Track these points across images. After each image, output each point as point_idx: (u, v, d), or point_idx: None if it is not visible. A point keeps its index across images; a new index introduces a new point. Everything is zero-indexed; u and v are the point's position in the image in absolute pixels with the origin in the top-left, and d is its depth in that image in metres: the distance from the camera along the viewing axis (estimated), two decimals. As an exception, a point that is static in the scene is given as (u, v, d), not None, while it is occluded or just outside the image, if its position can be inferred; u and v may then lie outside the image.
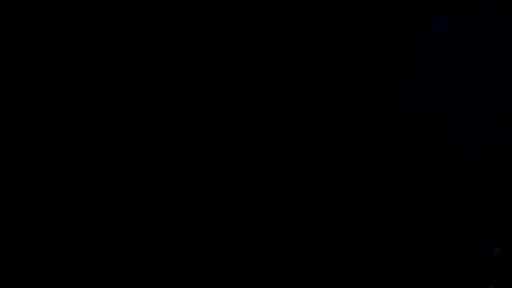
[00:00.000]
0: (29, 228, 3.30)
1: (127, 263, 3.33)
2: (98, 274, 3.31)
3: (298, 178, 3.50)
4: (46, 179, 3.33)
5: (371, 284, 3.44)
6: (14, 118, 3.33)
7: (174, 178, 3.42)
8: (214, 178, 3.44)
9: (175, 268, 3.37)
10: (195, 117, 3.46)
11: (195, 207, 3.42)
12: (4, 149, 3.31)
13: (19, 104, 3.34)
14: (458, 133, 3.54)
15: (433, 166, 3.54)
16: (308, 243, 3.46)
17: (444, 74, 3.57)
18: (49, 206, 3.32)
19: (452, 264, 3.44)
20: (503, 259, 3.36)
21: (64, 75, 3.39)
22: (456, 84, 3.56)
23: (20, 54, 3.36)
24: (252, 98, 3.50)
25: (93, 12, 3.40)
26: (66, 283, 3.28)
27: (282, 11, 3.53)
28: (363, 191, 3.51)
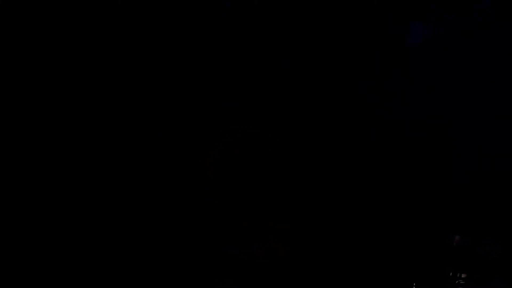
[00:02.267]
0: (28, 228, 3.30)
1: (126, 263, 3.33)
2: (98, 274, 3.31)
3: (298, 178, 3.50)
4: (45, 179, 3.33)
5: (371, 284, 3.44)
6: (13, 118, 3.34)
7: (174, 178, 3.43)
8: (214, 178, 3.44)
9: (175, 268, 3.37)
10: (195, 117, 3.46)
11: (195, 207, 3.42)
12: (4, 149, 3.31)
13: (18, 103, 3.35)
14: (458, 133, 3.54)
15: (433, 166, 3.54)
16: (308, 243, 3.46)
17: (444, 74, 3.57)
18: (48, 205, 3.32)
19: (451, 264, 3.44)
20: (503, 259, 3.36)
21: (63, 75, 3.39)
22: (456, 84, 3.56)
23: (20, 54, 3.36)
24: (252, 98, 3.51)
25: (92, 11, 3.41)
26: (66, 283, 3.28)
27: (282, 11, 3.53)
28: (363, 191, 3.52)
